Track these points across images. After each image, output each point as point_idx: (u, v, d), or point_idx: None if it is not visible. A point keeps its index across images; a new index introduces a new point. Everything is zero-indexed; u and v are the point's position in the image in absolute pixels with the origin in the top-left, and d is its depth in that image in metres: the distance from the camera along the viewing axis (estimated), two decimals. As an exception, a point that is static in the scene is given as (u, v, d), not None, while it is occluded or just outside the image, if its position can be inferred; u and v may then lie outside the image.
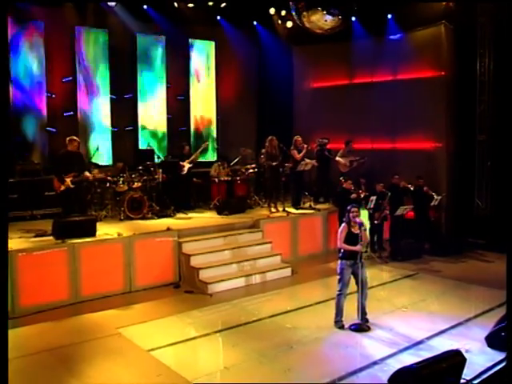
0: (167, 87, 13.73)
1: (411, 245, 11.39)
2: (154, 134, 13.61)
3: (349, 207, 7.42)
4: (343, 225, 7.38)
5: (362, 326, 7.21)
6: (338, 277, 7.31)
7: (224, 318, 7.88)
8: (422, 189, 11.80)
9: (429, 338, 6.95)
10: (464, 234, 12.12)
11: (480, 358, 6.38)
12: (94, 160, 11.34)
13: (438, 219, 12.42)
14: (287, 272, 9.84)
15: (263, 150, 12.04)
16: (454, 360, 5.41)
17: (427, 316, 7.78)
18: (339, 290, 7.31)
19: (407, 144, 13.25)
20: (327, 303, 7.99)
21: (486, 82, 12.16)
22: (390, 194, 11.16)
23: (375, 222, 11.14)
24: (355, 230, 7.24)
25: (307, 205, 12.13)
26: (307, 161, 11.94)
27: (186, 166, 11.78)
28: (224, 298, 8.60)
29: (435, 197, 11.70)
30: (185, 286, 9.22)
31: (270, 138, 11.74)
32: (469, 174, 12.54)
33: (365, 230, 7.15)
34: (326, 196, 12.79)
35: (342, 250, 7.33)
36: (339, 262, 7.33)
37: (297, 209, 11.86)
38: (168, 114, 13.77)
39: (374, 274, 9.73)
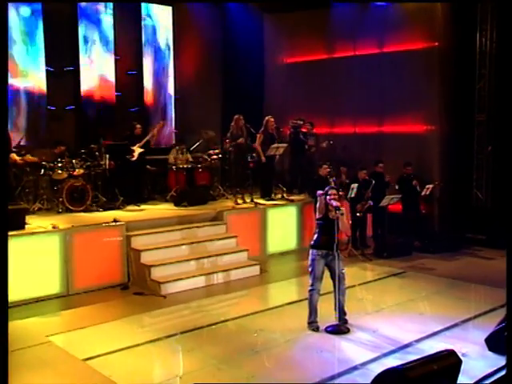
0: (116, 60, 13.41)
1: (398, 240, 11.38)
2: (99, 114, 13.26)
3: (326, 188, 7.25)
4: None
5: (340, 328, 7.07)
6: (309, 269, 7.18)
7: (179, 321, 7.79)
8: (410, 177, 11.74)
9: (418, 341, 6.83)
10: (461, 229, 12.12)
11: (479, 362, 6.28)
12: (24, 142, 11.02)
13: (429, 212, 12.42)
14: (255, 270, 9.75)
15: (228, 134, 11.86)
16: (448, 361, 5.24)
17: (417, 317, 7.72)
18: (311, 285, 7.16)
19: (395, 127, 13.24)
20: (300, 304, 7.85)
21: (486, 53, 12.17)
22: (374, 182, 11.07)
23: (357, 214, 11.02)
24: (332, 216, 7.07)
25: (279, 196, 12.01)
26: (279, 145, 11.75)
27: (137, 150, 11.51)
28: (180, 300, 8.45)
29: (426, 186, 11.67)
30: (134, 287, 9.03)
31: (236, 116, 11.68)
32: (466, 160, 12.56)
33: (342, 214, 6.96)
34: (300, 187, 12.68)
35: (315, 238, 7.19)
36: (310, 251, 7.18)
37: (267, 200, 11.72)
38: (117, 91, 13.46)
39: (355, 272, 9.73)
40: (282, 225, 11.27)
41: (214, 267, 9.45)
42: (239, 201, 11.44)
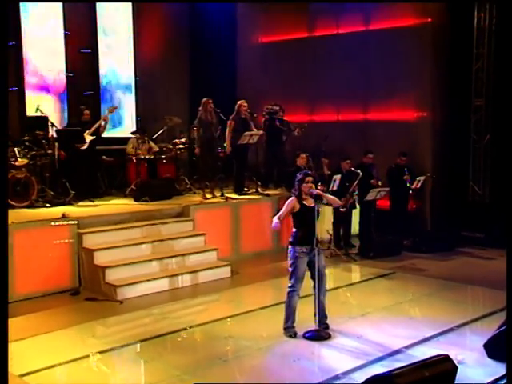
0: (66, 35, 13.17)
1: (386, 239, 11.39)
2: (47, 98, 13.07)
3: (299, 174, 7.11)
4: (291, 198, 7.09)
5: (320, 333, 7.00)
6: (290, 269, 7.05)
7: (137, 329, 7.71)
8: (402, 169, 11.71)
9: (408, 347, 6.80)
10: (456, 227, 12.13)
11: (477, 370, 6.24)
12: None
13: (421, 207, 12.45)
14: (225, 272, 9.73)
15: (196, 121, 11.70)
16: (441, 367, 5.20)
17: (407, 321, 7.72)
18: (291, 287, 7.05)
19: (383, 114, 13.21)
20: (275, 308, 7.85)
21: (485, 30, 12.08)
22: (361, 174, 11.00)
23: (340, 209, 10.93)
24: (309, 203, 6.96)
25: (253, 190, 11.93)
26: (253, 132, 11.65)
27: (88, 138, 11.28)
28: (139, 305, 8.36)
29: (417, 178, 11.70)
30: (86, 291, 8.88)
31: (204, 100, 11.51)
32: (462, 150, 12.54)
33: (326, 203, 6.86)
34: (277, 181, 12.62)
35: (294, 233, 7.06)
36: (290, 248, 7.05)
37: (239, 195, 11.66)
38: (68, 71, 13.26)
39: (338, 273, 9.81)
40: (257, 222, 11.15)
41: (178, 268, 9.38)
42: (208, 195, 11.33)
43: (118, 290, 8.56)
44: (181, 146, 12.75)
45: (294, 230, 7.11)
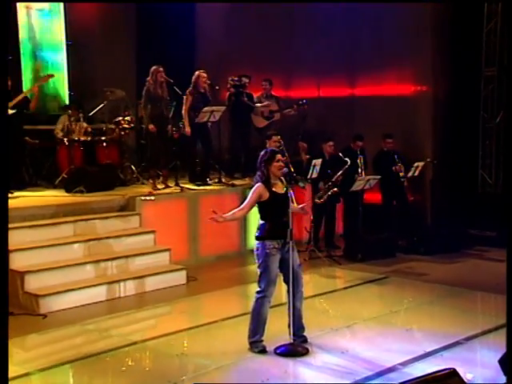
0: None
1: (377, 238, 11.46)
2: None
3: (264, 152, 6.98)
4: (257, 185, 6.96)
5: (296, 348, 6.93)
6: (259, 270, 6.96)
7: (65, 348, 7.57)
8: (391, 155, 11.72)
9: (405, 364, 6.76)
10: (462, 223, 12.15)
11: (491, 390, 6.29)
12: None
13: (419, 200, 12.53)
14: (180, 277, 9.72)
15: (144, 94, 11.55)
16: (446, 382, 5.13)
17: (403, 333, 7.75)
18: (261, 292, 6.93)
19: (374, 88, 13.24)
20: (240, 319, 7.80)
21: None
22: (349, 162, 10.98)
23: (316, 200, 10.82)
24: (279, 190, 6.90)
25: (215, 180, 12.02)
26: (214, 107, 11.58)
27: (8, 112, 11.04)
28: (69, 320, 8.21)
29: (415, 164, 11.68)
30: None
31: (153, 68, 11.41)
32: (469, 131, 12.59)
33: (303, 186, 6.73)
34: (244, 169, 12.59)
35: (261, 225, 6.95)
36: (258, 244, 6.94)
37: (198, 185, 11.66)
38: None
39: (318, 279, 9.95)
40: (220, 217, 11.08)
41: (120, 273, 9.33)
42: (159, 185, 11.34)
43: (41, 300, 8.40)
44: (126, 126, 12.67)
45: (262, 221, 7.00)
